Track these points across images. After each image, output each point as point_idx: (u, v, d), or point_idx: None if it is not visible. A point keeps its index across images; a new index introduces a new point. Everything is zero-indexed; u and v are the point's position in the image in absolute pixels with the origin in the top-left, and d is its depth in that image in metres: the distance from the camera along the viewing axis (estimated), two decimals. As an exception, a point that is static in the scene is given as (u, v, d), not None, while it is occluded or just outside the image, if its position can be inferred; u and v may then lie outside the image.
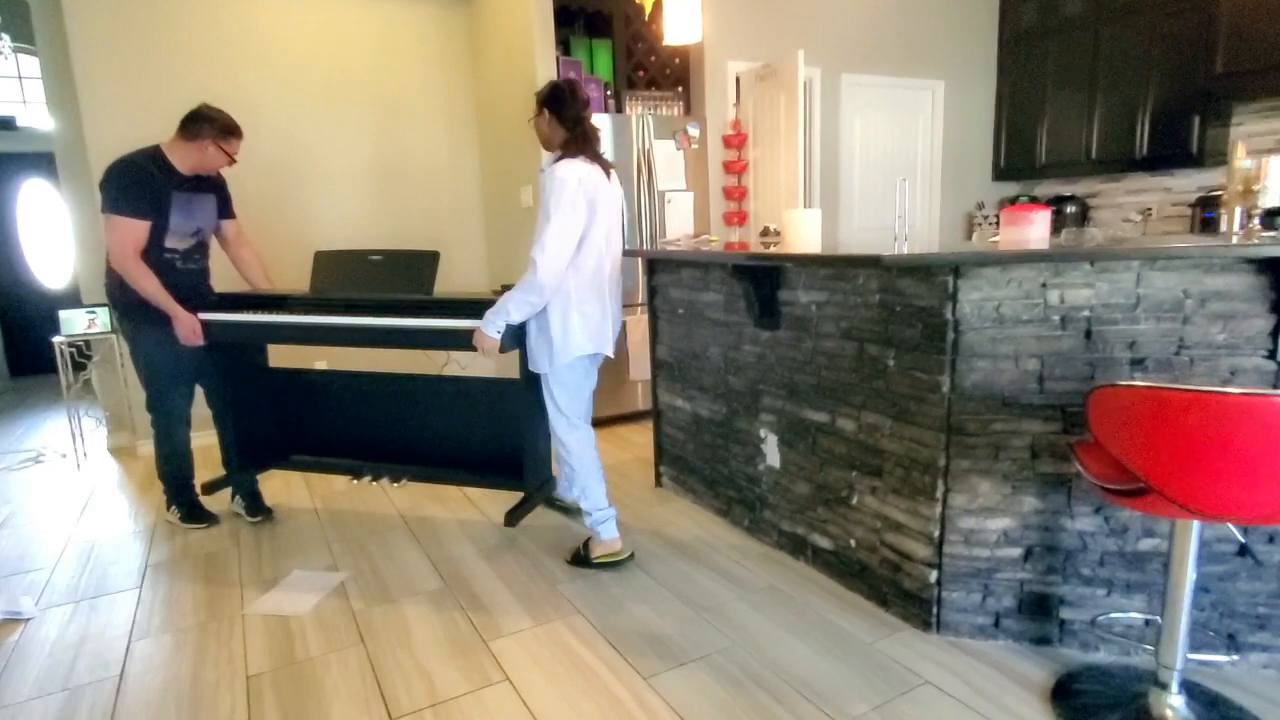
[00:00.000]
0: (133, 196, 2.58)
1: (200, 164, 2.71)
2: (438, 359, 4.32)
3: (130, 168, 2.60)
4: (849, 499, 2.22)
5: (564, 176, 2.20)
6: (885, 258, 1.65)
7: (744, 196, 4.41)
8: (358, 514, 3.07)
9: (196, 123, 2.64)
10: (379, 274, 2.84)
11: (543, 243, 2.19)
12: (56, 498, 3.43)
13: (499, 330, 2.32)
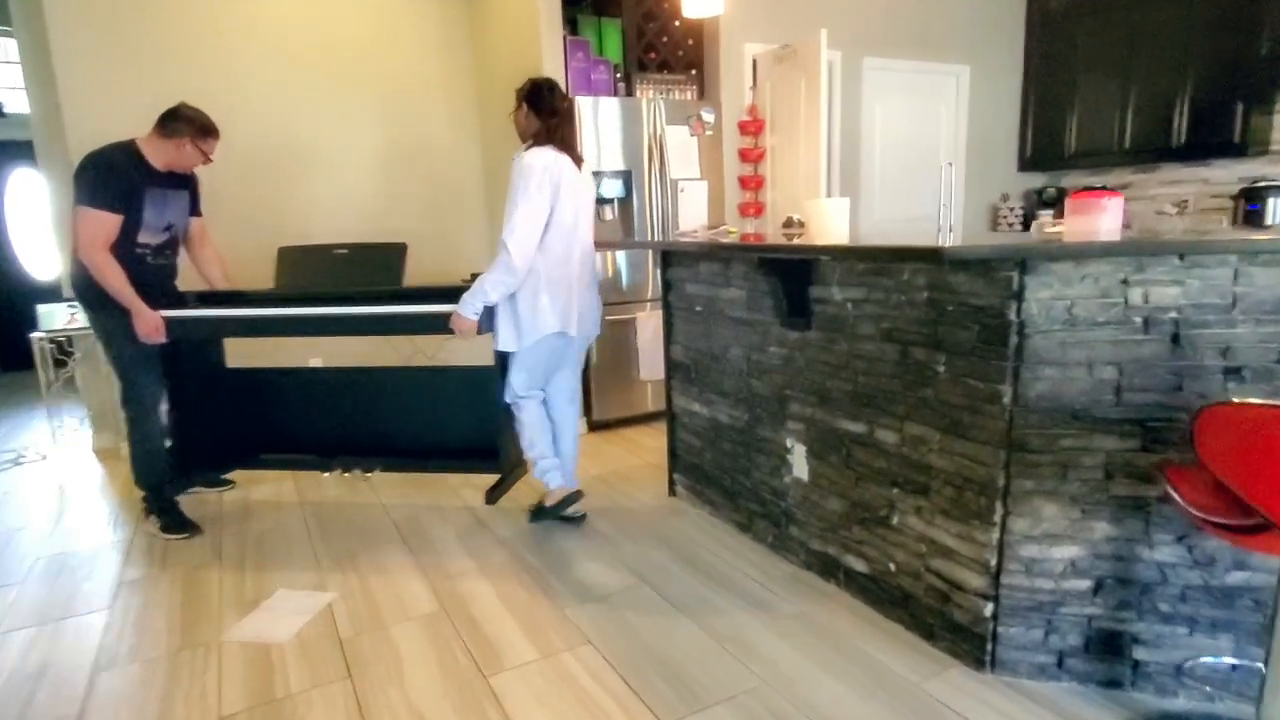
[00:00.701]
0: (106, 189, 2.55)
1: (176, 161, 2.70)
2: (404, 351, 4.09)
3: (105, 160, 2.58)
4: (889, 519, 2.00)
5: (530, 162, 2.34)
6: (946, 249, 1.43)
7: (760, 186, 4.18)
8: (349, 521, 2.86)
9: (174, 121, 2.64)
10: (346, 268, 2.87)
11: (512, 225, 2.33)
12: (33, 503, 3.23)
13: (477, 311, 2.46)
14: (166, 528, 2.83)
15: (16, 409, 5.03)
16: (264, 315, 2.83)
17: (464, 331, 2.50)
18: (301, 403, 3.25)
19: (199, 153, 2.71)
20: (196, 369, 3.15)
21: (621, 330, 3.87)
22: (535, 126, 2.46)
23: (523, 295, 2.46)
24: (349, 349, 4.04)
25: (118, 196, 2.58)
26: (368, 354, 4.07)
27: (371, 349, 4.07)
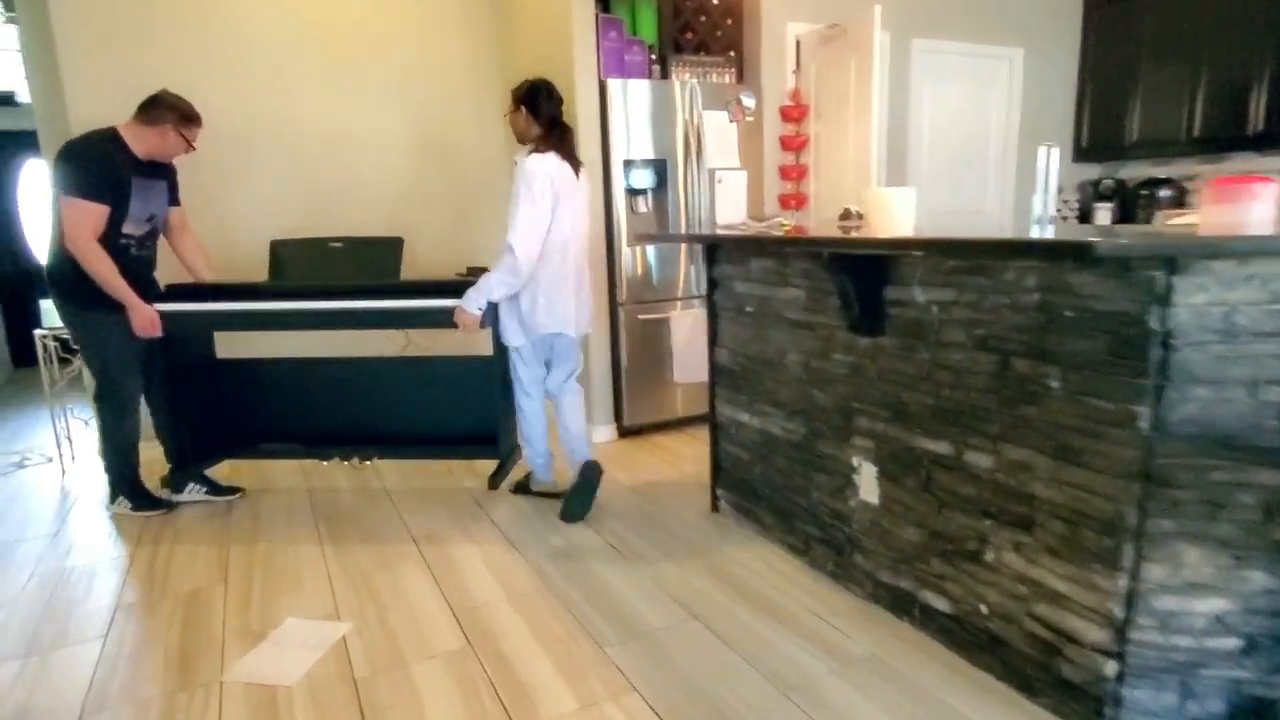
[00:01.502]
0: (94, 179, 2.49)
1: (159, 149, 2.65)
2: (398, 341, 3.86)
3: (91, 149, 2.52)
4: (980, 554, 1.74)
5: (533, 169, 2.42)
6: (1098, 245, 1.16)
7: (803, 176, 3.91)
8: (364, 536, 2.64)
9: (157, 107, 2.60)
10: (341, 261, 2.87)
11: (516, 228, 2.42)
12: (36, 509, 3.05)
13: (480, 307, 2.55)
14: (139, 506, 2.89)
15: (25, 407, 4.88)
16: (261, 309, 2.80)
17: (467, 326, 2.59)
18: (298, 393, 3.23)
19: (182, 140, 2.66)
20: (189, 361, 3.08)
21: (653, 330, 3.62)
22: (535, 130, 2.54)
23: (524, 295, 2.57)
24: (340, 340, 3.79)
25: (106, 186, 2.51)
26: (359, 344, 3.82)
27: (363, 339, 3.82)
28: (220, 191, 3.59)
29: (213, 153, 3.46)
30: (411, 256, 3.83)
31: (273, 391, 3.26)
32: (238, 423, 3.30)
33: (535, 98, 2.54)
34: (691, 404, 3.78)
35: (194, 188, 3.45)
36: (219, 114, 3.50)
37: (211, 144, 3.39)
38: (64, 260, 2.55)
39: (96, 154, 2.51)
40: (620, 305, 3.56)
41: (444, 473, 3.36)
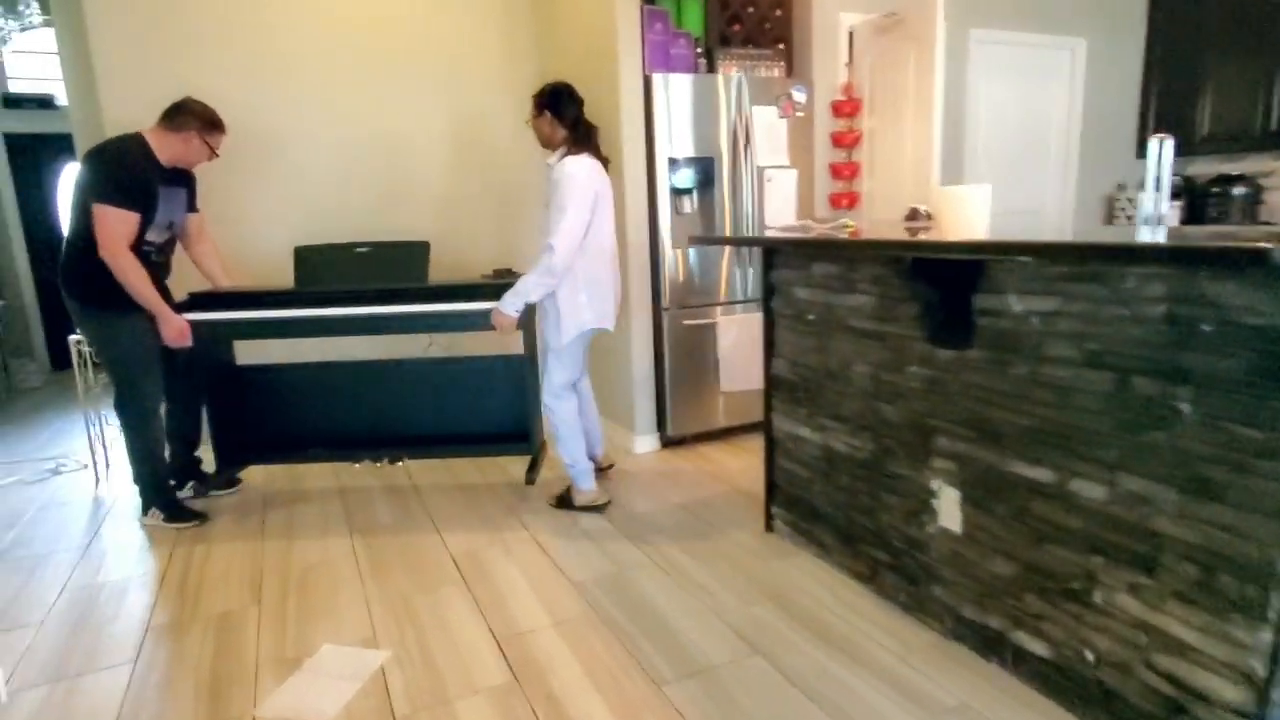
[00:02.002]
0: (127, 186, 2.48)
1: (182, 156, 2.65)
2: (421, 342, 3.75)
3: (124, 156, 2.51)
4: (1086, 594, 1.56)
5: (574, 172, 2.46)
6: (1275, 251, 0.98)
7: (855, 174, 3.72)
8: (402, 555, 2.52)
9: (182, 114, 2.60)
10: (368, 266, 2.87)
11: (561, 231, 2.44)
12: (68, 518, 2.99)
13: (518, 309, 2.59)
14: (173, 518, 2.83)
15: (62, 411, 4.87)
16: (292, 316, 2.80)
17: (504, 328, 2.63)
18: (323, 398, 3.25)
19: (206, 147, 2.66)
20: (211, 368, 3.10)
21: (697, 336, 3.46)
22: (560, 134, 2.58)
23: (563, 294, 2.58)
24: (360, 344, 3.69)
25: (138, 194, 2.51)
26: (380, 348, 3.73)
27: (384, 343, 3.72)
28: (244, 197, 3.52)
29: (238, 158, 3.39)
30: (439, 259, 3.74)
31: (296, 396, 3.25)
32: (261, 429, 3.28)
33: (559, 101, 2.58)
34: (737, 413, 3.61)
35: (219, 193, 3.40)
36: (245, 118, 3.42)
37: (237, 149, 3.33)
38: (81, 263, 2.53)
39: (129, 160, 2.50)
40: (664, 310, 3.40)
41: (477, 477, 3.25)
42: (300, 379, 3.25)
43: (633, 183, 3.27)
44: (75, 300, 2.63)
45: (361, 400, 3.26)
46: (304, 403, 3.26)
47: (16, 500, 3.25)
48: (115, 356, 2.66)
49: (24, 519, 3.02)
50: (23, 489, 3.39)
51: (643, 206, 3.32)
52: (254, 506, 3.05)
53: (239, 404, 3.24)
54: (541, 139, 2.66)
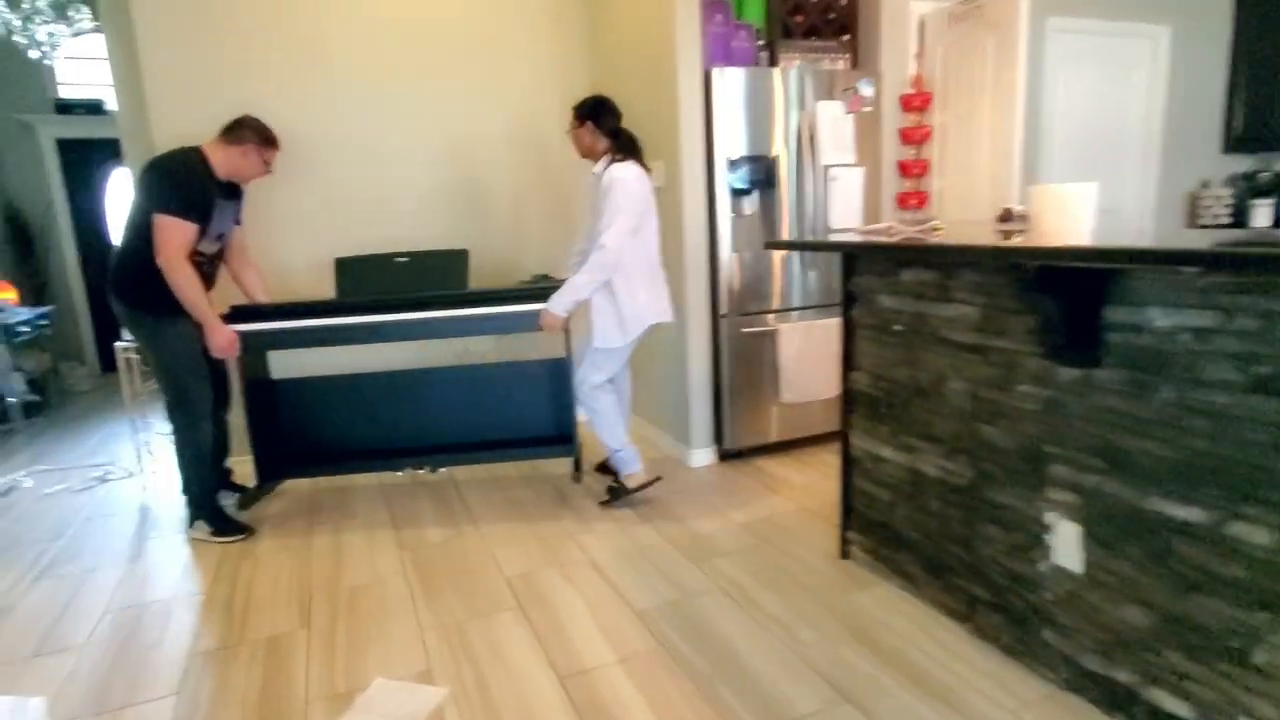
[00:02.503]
0: (190, 198, 2.53)
1: (239, 170, 2.69)
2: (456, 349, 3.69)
3: (188, 168, 2.56)
4: (1245, 653, 1.35)
5: (624, 177, 2.56)
6: None
7: (925, 172, 3.50)
8: (456, 575, 2.39)
9: (241, 128, 2.66)
10: (408, 275, 2.91)
11: (614, 233, 2.54)
12: (114, 531, 2.92)
13: (568, 309, 2.67)
14: (220, 532, 2.78)
15: (111, 415, 4.87)
16: (340, 324, 2.84)
17: (552, 328, 2.71)
18: (362, 409, 3.24)
19: (261, 162, 2.72)
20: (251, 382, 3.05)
21: (756, 345, 3.28)
22: (603, 144, 2.68)
23: (623, 295, 2.63)
24: (397, 354, 3.61)
25: (199, 206, 2.55)
26: (416, 357, 3.64)
27: (421, 352, 3.63)
28: (279, 209, 3.44)
29: (282, 172, 3.31)
30: (476, 267, 3.63)
31: (333, 408, 3.23)
32: (300, 441, 3.25)
33: (600, 111, 2.68)
34: (797, 425, 3.43)
35: (261, 206, 3.33)
36: (285, 128, 3.34)
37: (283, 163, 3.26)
38: (135, 268, 2.56)
39: (193, 173, 2.55)
40: (722, 317, 3.23)
41: (524, 489, 3.12)
42: (336, 391, 3.23)
43: (691, 183, 3.11)
44: (125, 305, 2.64)
45: (400, 410, 3.25)
46: (341, 414, 3.25)
47: (64, 510, 3.20)
48: (167, 360, 2.67)
49: (70, 531, 2.96)
50: (70, 498, 3.35)
51: (701, 208, 3.15)
52: (299, 519, 2.96)
53: (276, 417, 3.21)
54: (582, 149, 2.75)
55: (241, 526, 2.83)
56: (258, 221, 3.35)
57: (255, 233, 3.33)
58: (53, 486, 3.51)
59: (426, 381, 3.24)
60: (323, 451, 3.27)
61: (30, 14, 4.51)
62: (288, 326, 2.85)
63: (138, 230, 2.58)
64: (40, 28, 4.62)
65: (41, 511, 3.20)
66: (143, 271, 2.55)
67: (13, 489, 3.51)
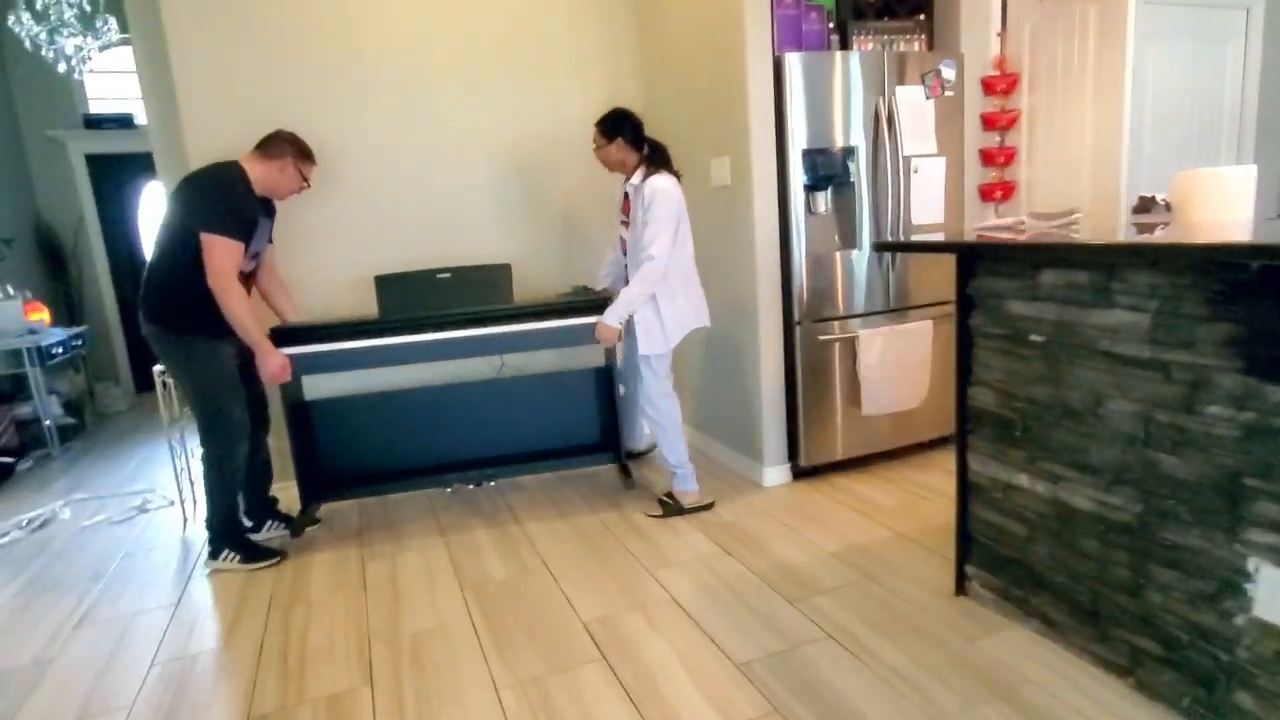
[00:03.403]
0: (238, 215, 2.43)
1: (277, 185, 2.58)
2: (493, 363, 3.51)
3: (233, 184, 2.45)
4: None
5: (665, 187, 2.56)
6: None
7: (1010, 161, 3.22)
8: (527, 619, 2.16)
9: (277, 143, 2.56)
10: (451, 291, 2.86)
11: (662, 243, 2.55)
12: (154, 570, 2.74)
13: (622, 319, 2.67)
14: (248, 558, 2.66)
15: (148, 437, 4.73)
16: (390, 344, 2.76)
17: (608, 340, 2.72)
18: (402, 426, 3.16)
19: (299, 177, 2.61)
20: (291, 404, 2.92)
21: (832, 353, 3.02)
22: (634, 156, 2.68)
23: (662, 303, 2.64)
24: (432, 367, 3.41)
25: (246, 223, 2.46)
26: (451, 371, 3.44)
27: (456, 365, 3.44)
28: (320, 226, 3.25)
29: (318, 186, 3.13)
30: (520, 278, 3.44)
31: (372, 428, 3.14)
32: (341, 463, 3.14)
33: (626, 126, 2.66)
34: (877, 439, 3.16)
35: (294, 223, 3.15)
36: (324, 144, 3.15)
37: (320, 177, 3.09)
38: (168, 287, 2.44)
39: (238, 190, 2.44)
40: (796, 324, 2.98)
41: (584, 510, 2.90)
42: (374, 408, 3.14)
43: (761, 180, 2.86)
44: (157, 325, 2.50)
45: (439, 424, 3.19)
46: (380, 432, 3.15)
47: (103, 544, 3.03)
48: (200, 382, 2.53)
49: (111, 568, 2.79)
50: (109, 530, 3.19)
51: (771, 206, 2.90)
52: (349, 549, 2.76)
53: (314, 439, 3.07)
54: (612, 165, 2.74)
55: (272, 551, 2.71)
56: (291, 239, 3.17)
57: (290, 251, 3.15)
58: (91, 517, 3.35)
59: (465, 395, 3.20)
60: (364, 471, 3.14)
61: (57, 26, 4.38)
62: (334, 349, 2.72)
63: (173, 247, 2.44)
64: (67, 40, 4.49)
65: (80, 546, 3.03)
66: (177, 289, 2.44)
67: (50, 520, 3.36)
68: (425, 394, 3.17)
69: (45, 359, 4.46)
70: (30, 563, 2.91)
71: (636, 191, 2.64)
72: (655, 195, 2.55)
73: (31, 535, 3.21)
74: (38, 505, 3.58)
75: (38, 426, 4.50)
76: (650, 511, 2.89)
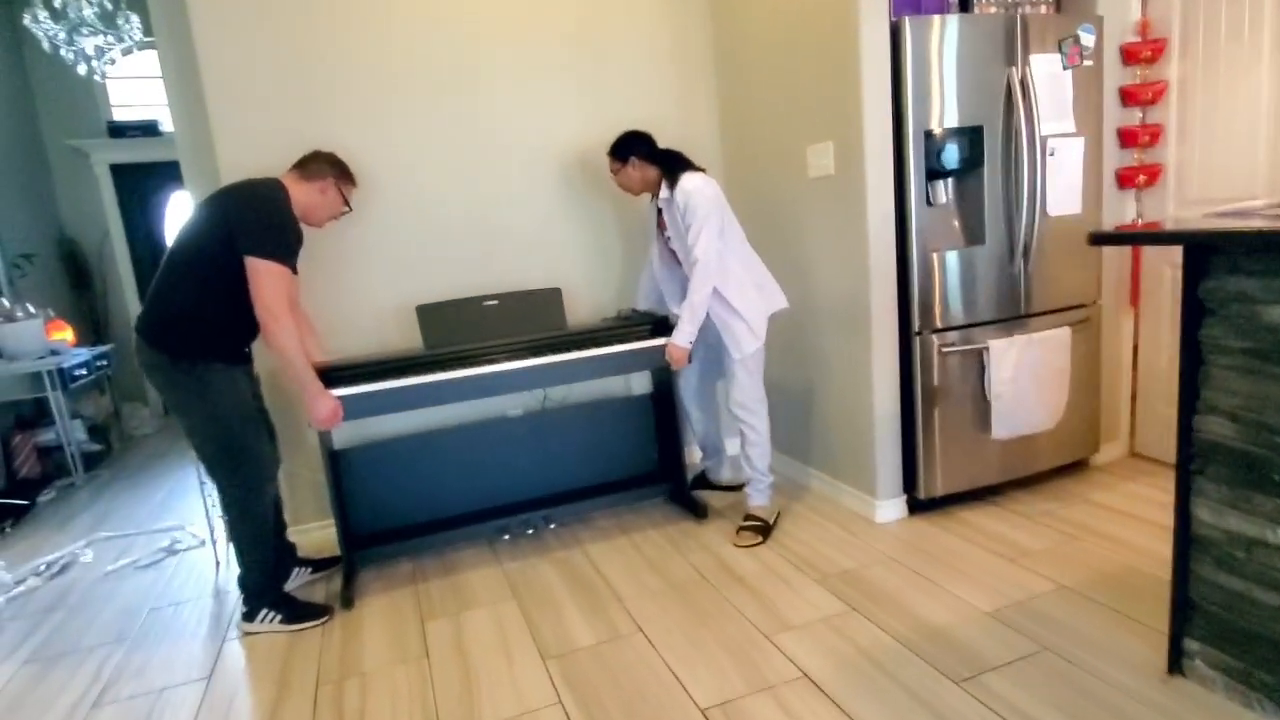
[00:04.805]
0: (290, 240, 2.17)
1: (315, 208, 2.30)
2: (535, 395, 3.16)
3: (284, 206, 2.17)
4: None
5: (698, 187, 2.45)
6: None
7: (1155, 141, 2.77)
8: (631, 703, 1.76)
9: (317, 162, 2.30)
10: (500, 319, 2.68)
11: (705, 242, 2.42)
12: (184, 630, 2.39)
13: (691, 339, 2.51)
14: (290, 618, 2.31)
15: (176, 464, 4.42)
16: (443, 381, 2.47)
17: (679, 361, 2.57)
18: (446, 467, 2.86)
19: (340, 199, 2.35)
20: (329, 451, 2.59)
21: (958, 367, 2.60)
22: (653, 171, 2.57)
23: (736, 302, 2.49)
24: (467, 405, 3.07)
25: (295, 248, 2.19)
26: (489, 407, 3.10)
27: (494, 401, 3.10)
28: (350, 253, 2.89)
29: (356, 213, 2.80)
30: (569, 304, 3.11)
31: (413, 473, 2.82)
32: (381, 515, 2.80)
33: (637, 143, 2.57)
34: (1005, 466, 2.73)
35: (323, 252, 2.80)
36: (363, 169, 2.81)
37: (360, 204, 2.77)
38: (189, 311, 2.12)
39: (288, 211, 2.18)
40: (915, 335, 2.56)
41: (671, 555, 2.50)
42: (411, 453, 2.81)
43: (875, 165, 2.45)
44: (164, 353, 2.13)
45: (485, 466, 2.90)
46: (422, 479, 2.84)
47: (128, 594, 2.70)
48: (221, 416, 2.17)
49: (136, 626, 2.44)
50: (135, 577, 2.85)
51: (887, 197, 2.49)
52: (405, 606, 2.39)
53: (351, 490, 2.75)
54: (635, 187, 2.62)
55: (318, 608, 2.36)
56: (318, 266, 2.82)
57: (315, 281, 2.80)
58: (115, 560, 3.02)
59: (509, 431, 2.92)
60: (409, 523, 2.82)
61: (76, 24, 4.10)
62: (385, 388, 2.41)
63: (203, 267, 2.12)
64: (88, 40, 4.20)
65: (103, 596, 2.70)
66: (204, 314, 2.14)
67: (71, 564, 3.04)
68: (465, 432, 2.87)
69: (68, 382, 4.17)
70: (47, 617, 2.58)
71: (669, 204, 2.52)
72: (689, 197, 2.44)
73: (50, 582, 2.88)
74: (59, 544, 3.26)
75: (61, 454, 4.20)
76: (741, 541, 2.60)
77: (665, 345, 2.59)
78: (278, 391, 2.78)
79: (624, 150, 2.58)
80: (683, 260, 2.60)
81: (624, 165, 2.59)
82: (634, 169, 2.58)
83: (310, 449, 2.90)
